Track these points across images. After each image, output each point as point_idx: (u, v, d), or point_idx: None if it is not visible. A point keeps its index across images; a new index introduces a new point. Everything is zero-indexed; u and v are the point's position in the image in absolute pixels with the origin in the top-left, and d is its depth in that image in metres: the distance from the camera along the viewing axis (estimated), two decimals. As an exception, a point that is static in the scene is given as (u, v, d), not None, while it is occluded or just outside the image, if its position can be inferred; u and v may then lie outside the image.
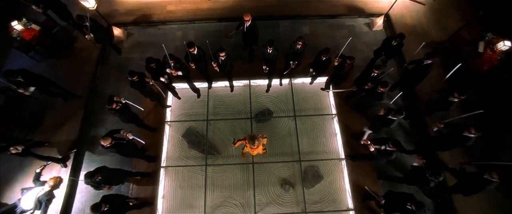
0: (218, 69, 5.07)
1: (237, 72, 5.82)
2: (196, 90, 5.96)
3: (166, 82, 4.95)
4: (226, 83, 6.07)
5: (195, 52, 4.64)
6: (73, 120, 5.70)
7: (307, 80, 6.12)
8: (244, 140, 4.08)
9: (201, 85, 6.15)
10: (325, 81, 5.69)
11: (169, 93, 5.94)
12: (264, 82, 6.05)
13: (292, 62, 5.00)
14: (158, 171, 5.35)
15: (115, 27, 6.63)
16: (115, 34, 6.61)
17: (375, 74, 4.30)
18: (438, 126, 4.14)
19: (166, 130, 5.77)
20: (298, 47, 4.73)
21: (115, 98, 4.25)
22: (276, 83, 6.12)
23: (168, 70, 4.79)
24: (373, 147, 4.03)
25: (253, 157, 5.43)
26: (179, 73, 4.89)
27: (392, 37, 4.78)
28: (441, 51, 6.00)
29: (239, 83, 6.20)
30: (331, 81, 5.35)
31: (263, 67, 5.26)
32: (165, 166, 5.49)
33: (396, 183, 4.86)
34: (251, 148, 4.02)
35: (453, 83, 5.55)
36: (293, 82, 6.17)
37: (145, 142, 5.33)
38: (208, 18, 6.95)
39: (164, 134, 5.70)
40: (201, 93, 6.11)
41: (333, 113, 5.86)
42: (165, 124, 5.78)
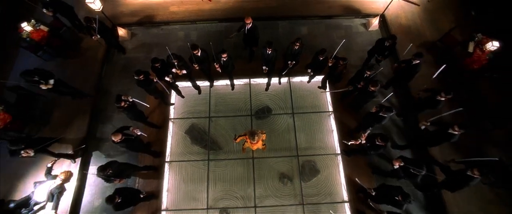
0: (221, 70, 5.31)
1: (238, 71, 6.04)
2: (198, 87, 6.21)
3: (171, 81, 5.19)
4: (227, 82, 6.31)
5: (199, 54, 4.88)
6: (81, 117, 5.95)
7: (305, 79, 6.36)
8: (245, 136, 4.33)
9: (203, 83, 6.40)
10: (321, 80, 5.93)
11: (173, 91, 6.19)
12: (264, 81, 6.30)
13: (290, 62, 5.25)
14: (163, 166, 5.62)
15: (120, 27, 6.86)
16: (120, 34, 6.84)
17: (367, 74, 4.55)
18: (425, 124, 4.40)
19: (170, 127, 6.03)
20: (296, 47, 4.97)
21: (123, 97, 4.49)
22: (275, 82, 6.36)
23: (174, 70, 5.04)
24: (364, 139, 4.30)
25: (253, 152, 5.69)
26: (184, 71, 5.13)
27: (385, 38, 5.02)
28: (444, 52, 6.21)
29: (240, 82, 6.44)
30: (326, 80, 5.59)
31: (263, 67, 5.50)
32: (169, 161, 5.75)
33: (388, 177, 5.13)
34: (251, 143, 4.28)
35: (444, 82, 5.84)
36: (292, 81, 6.41)
37: (151, 138, 5.61)
38: (210, 18, 7.17)
39: (168, 131, 5.95)
40: (203, 91, 6.37)
41: (330, 110, 6.12)
42: (169, 121, 6.05)
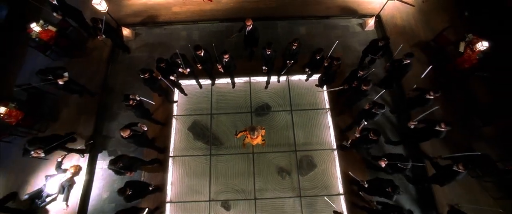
0: (223, 70, 5.55)
1: (238, 70, 6.26)
2: (199, 83, 6.49)
3: (175, 80, 5.45)
4: (228, 80, 6.57)
5: (202, 54, 5.12)
6: (88, 114, 6.19)
7: (303, 77, 6.60)
8: (245, 131, 4.59)
9: (205, 82, 6.66)
10: (318, 79, 6.17)
11: (176, 89, 6.45)
12: (263, 79, 6.55)
13: (289, 62, 5.51)
14: (167, 161, 5.90)
15: (124, 28, 7.10)
16: (124, 34, 7.08)
17: (361, 74, 4.81)
18: (413, 124, 4.68)
19: (173, 123, 6.29)
20: (294, 48, 5.21)
21: (131, 96, 4.74)
22: (274, 80, 6.61)
23: (181, 69, 5.29)
24: (359, 133, 4.56)
25: (253, 147, 5.96)
26: (188, 70, 5.37)
27: (378, 39, 5.27)
28: (437, 52, 6.47)
29: (240, 80, 6.69)
30: (322, 79, 5.84)
31: (263, 67, 5.75)
32: (173, 156, 6.02)
33: (381, 172, 5.39)
34: (252, 138, 4.54)
35: (437, 82, 6.11)
36: (290, 79, 6.66)
37: (155, 134, 5.88)
38: (211, 19, 7.39)
39: (172, 127, 6.22)
40: (205, 89, 6.62)
41: (327, 107, 6.38)
42: (173, 118, 6.31)
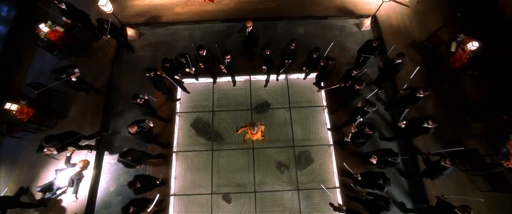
0: (226, 70, 5.81)
1: (239, 69, 6.47)
2: (197, 78, 6.77)
3: (180, 79, 5.70)
4: (229, 78, 6.81)
5: (204, 54, 5.37)
6: (95, 112, 6.45)
7: (301, 76, 6.86)
8: (246, 127, 4.86)
9: (207, 80, 6.92)
10: (315, 77, 6.42)
11: (178, 87, 6.69)
12: (263, 78, 6.80)
13: (287, 61, 5.76)
14: (171, 156, 6.16)
15: (129, 28, 7.34)
16: (129, 34, 7.32)
17: (354, 74, 5.06)
18: (402, 124, 4.95)
19: (177, 120, 6.56)
20: (292, 47, 5.45)
21: (140, 95, 5.00)
22: (274, 78, 6.86)
23: (187, 69, 5.56)
24: (354, 129, 4.83)
25: (253, 143, 6.23)
26: (194, 69, 5.63)
27: (372, 40, 5.52)
28: (431, 52, 6.75)
29: (241, 78, 6.94)
30: (319, 78, 6.10)
31: (263, 67, 5.99)
32: (176, 151, 6.29)
33: (374, 166, 5.66)
34: (252, 133, 4.81)
35: (430, 81, 6.38)
36: (289, 77, 6.92)
37: (159, 131, 6.15)
38: (213, 19, 7.62)
39: (175, 124, 6.49)
40: (207, 87, 6.88)
41: (324, 105, 6.64)
42: (176, 115, 6.58)
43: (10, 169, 5.83)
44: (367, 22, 7.40)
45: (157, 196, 4.70)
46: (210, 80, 6.87)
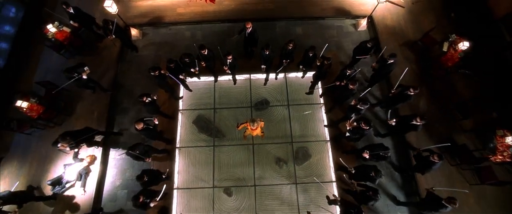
0: (230, 71, 6.08)
1: (239, 67, 6.67)
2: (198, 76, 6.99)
3: (184, 78, 5.97)
4: (230, 77, 7.05)
5: (206, 53, 5.63)
6: (101, 109, 6.70)
7: (299, 74, 7.11)
8: (246, 123, 5.11)
9: (208, 79, 7.17)
10: (312, 77, 6.66)
11: (181, 86, 6.95)
12: (263, 76, 7.04)
13: (285, 61, 6.02)
14: (174, 151, 6.43)
15: (132, 28, 7.58)
16: (133, 34, 7.56)
17: (348, 73, 5.31)
18: (392, 122, 5.22)
19: (179, 117, 6.82)
20: (289, 48, 5.70)
21: (151, 95, 5.32)
22: (273, 77, 7.10)
23: (192, 70, 5.84)
24: (350, 125, 5.10)
25: (253, 139, 6.49)
26: (198, 69, 5.89)
27: (367, 41, 5.77)
28: (423, 51, 7.03)
29: (241, 77, 7.18)
30: (317, 79, 6.36)
31: (262, 66, 6.24)
32: (179, 147, 6.55)
33: (368, 160, 5.92)
34: (252, 129, 5.07)
35: (424, 80, 6.64)
36: (287, 76, 7.17)
37: (163, 127, 6.41)
38: (214, 19, 7.86)
39: (178, 121, 6.74)
40: (208, 85, 7.13)
41: (321, 103, 6.90)
42: (178, 112, 6.83)
43: (21, 164, 6.09)
44: (364, 22, 7.64)
45: (164, 187, 4.96)
46: (212, 78, 7.12)
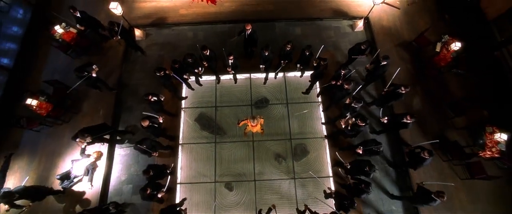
0: (233, 71, 6.33)
1: (240, 67, 7.00)
2: (199, 82, 7.27)
3: (188, 78, 6.22)
4: (231, 76, 7.29)
5: (208, 53, 5.87)
6: (107, 107, 6.94)
7: (298, 74, 7.33)
8: (247, 120, 5.37)
9: (210, 78, 7.41)
10: (310, 77, 6.90)
11: (184, 86, 7.20)
12: (262, 75, 7.27)
13: (283, 61, 6.27)
14: (177, 148, 6.68)
15: (136, 28, 7.83)
16: (137, 35, 7.81)
17: (342, 73, 5.53)
18: (384, 119, 5.48)
19: (182, 115, 7.07)
20: (288, 49, 5.94)
21: (160, 96, 5.59)
22: (272, 76, 7.34)
23: (196, 70, 6.10)
24: (344, 124, 5.34)
25: (253, 136, 6.74)
26: (201, 69, 6.16)
27: (361, 43, 6.00)
28: (418, 52, 7.29)
29: (241, 76, 7.42)
30: (315, 78, 6.60)
31: (260, 66, 6.48)
32: (182, 144, 6.80)
33: (363, 156, 6.17)
34: (252, 126, 5.32)
35: (419, 79, 6.90)
36: (286, 75, 7.42)
37: (166, 125, 6.66)
38: (215, 20, 8.09)
39: (181, 118, 7.00)
40: (210, 84, 7.38)
41: (318, 101, 7.15)
42: (181, 110, 7.08)
43: (30, 159, 6.34)
44: (360, 23, 7.87)
45: (169, 179, 5.21)
46: (213, 78, 7.36)
